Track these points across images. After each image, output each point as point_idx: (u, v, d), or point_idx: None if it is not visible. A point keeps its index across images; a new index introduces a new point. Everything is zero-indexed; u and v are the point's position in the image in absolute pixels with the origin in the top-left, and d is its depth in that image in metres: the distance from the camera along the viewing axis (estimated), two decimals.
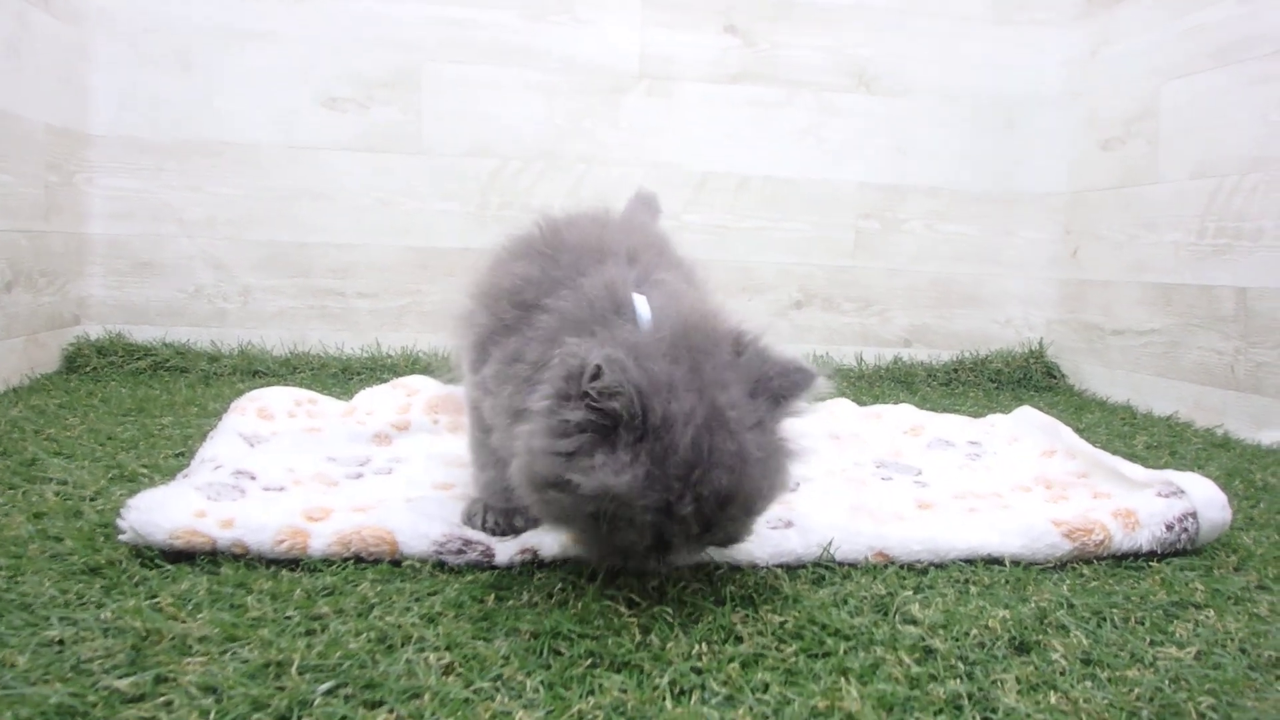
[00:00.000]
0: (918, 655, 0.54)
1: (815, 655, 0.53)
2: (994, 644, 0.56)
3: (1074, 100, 1.71)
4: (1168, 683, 0.52)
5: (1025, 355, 1.75)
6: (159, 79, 1.51)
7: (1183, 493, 0.75)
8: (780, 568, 0.67)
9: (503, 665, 0.50)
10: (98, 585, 0.59)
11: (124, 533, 0.64)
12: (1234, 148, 1.32)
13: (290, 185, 1.57)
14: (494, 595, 0.60)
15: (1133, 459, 0.98)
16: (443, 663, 0.50)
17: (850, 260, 1.73)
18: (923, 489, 0.88)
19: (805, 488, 0.86)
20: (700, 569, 0.66)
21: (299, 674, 0.48)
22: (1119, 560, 0.72)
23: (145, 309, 1.56)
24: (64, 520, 0.70)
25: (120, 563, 0.62)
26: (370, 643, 0.52)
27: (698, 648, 0.53)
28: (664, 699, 0.48)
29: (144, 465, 0.88)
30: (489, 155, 1.61)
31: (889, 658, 0.53)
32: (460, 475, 0.85)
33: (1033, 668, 0.53)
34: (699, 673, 0.51)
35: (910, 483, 0.91)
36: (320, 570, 0.63)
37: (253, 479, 0.79)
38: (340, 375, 1.49)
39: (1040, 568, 0.70)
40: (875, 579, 0.66)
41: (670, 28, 1.64)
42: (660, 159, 1.66)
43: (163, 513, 0.65)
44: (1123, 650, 0.56)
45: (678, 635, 0.55)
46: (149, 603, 0.56)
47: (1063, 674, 0.52)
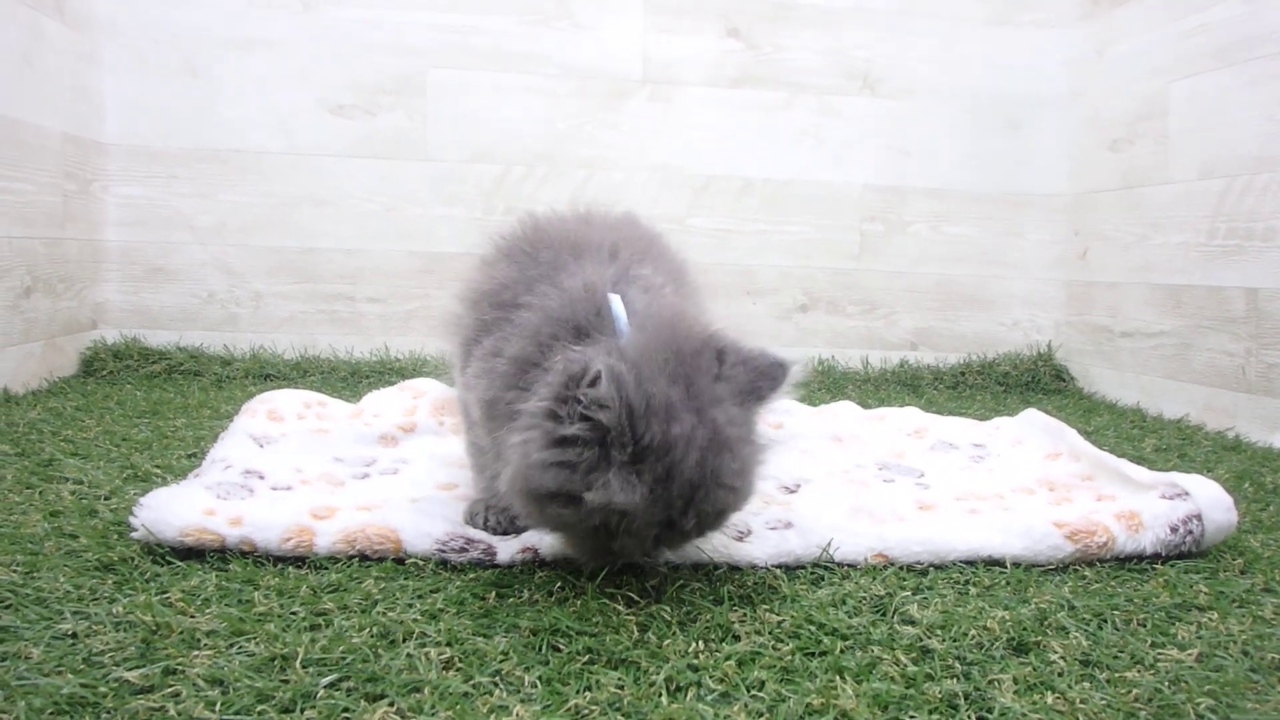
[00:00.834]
0: (914, 655, 0.54)
1: (812, 654, 0.54)
2: (992, 644, 0.56)
3: (1076, 101, 1.70)
4: (1167, 684, 0.51)
5: (1033, 358, 1.73)
6: (168, 88, 1.54)
7: (1187, 495, 0.75)
8: (779, 568, 0.67)
9: (502, 661, 0.51)
10: (110, 581, 0.60)
11: (136, 530, 0.66)
12: (1242, 147, 1.31)
13: (296, 191, 1.59)
14: (495, 593, 0.61)
15: (1141, 462, 0.97)
16: (443, 658, 0.51)
17: (854, 263, 1.73)
18: (924, 491, 0.88)
19: (806, 488, 0.87)
20: (699, 569, 0.67)
21: (303, 667, 0.49)
22: (1122, 563, 0.71)
23: (160, 314, 1.58)
24: (79, 518, 0.72)
25: (132, 559, 0.64)
26: (373, 638, 0.53)
27: (695, 645, 0.54)
28: (660, 695, 0.48)
29: (157, 466, 0.90)
30: (492, 161, 1.63)
31: (885, 657, 0.53)
32: (463, 476, 0.85)
33: (1031, 668, 0.53)
34: (695, 670, 0.51)
35: (912, 484, 0.91)
36: (326, 567, 0.64)
37: (261, 478, 0.81)
38: (350, 379, 1.51)
39: (1042, 570, 0.69)
40: (874, 580, 0.66)
41: (671, 32, 1.65)
42: (662, 163, 1.67)
43: (173, 511, 0.66)
44: (1123, 652, 0.56)
45: (675, 633, 0.55)
46: (159, 598, 0.57)
47: (1061, 675, 0.52)
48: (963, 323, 1.77)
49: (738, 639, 0.55)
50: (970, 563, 0.70)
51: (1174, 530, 0.72)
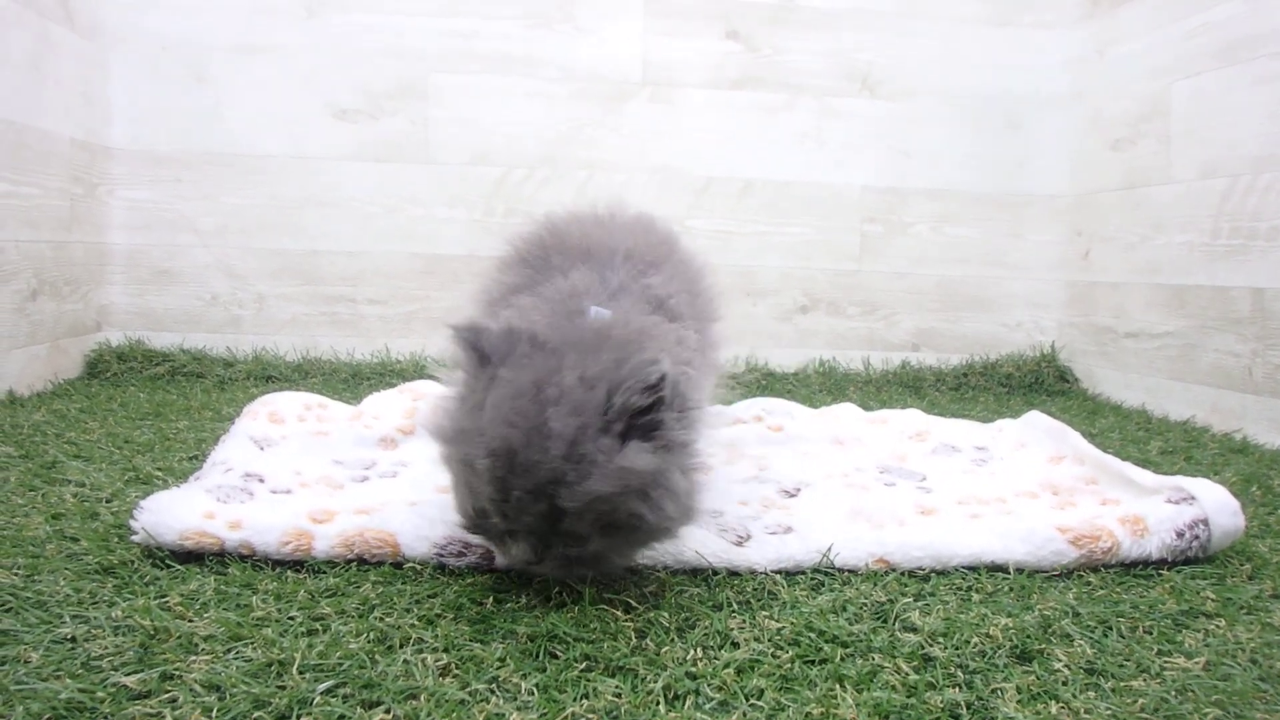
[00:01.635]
0: (916, 663, 0.53)
1: (811, 662, 0.53)
2: (995, 652, 0.55)
3: (1077, 101, 1.69)
4: (1174, 693, 0.51)
5: (1037, 359, 1.72)
6: (175, 93, 1.55)
7: (1193, 499, 0.74)
8: (779, 573, 0.67)
9: (499, 667, 0.51)
10: (110, 584, 0.60)
11: (136, 534, 0.66)
12: (1245, 147, 1.30)
13: (300, 195, 1.60)
14: (492, 598, 0.60)
15: (1147, 465, 0.96)
16: (440, 664, 0.51)
17: (855, 264, 1.73)
18: (926, 494, 0.87)
19: (806, 492, 0.86)
20: (698, 574, 0.66)
21: (300, 673, 0.49)
22: (1128, 568, 0.71)
23: (163, 316, 1.59)
24: (81, 521, 0.72)
25: (132, 563, 0.64)
26: (370, 643, 0.53)
27: (693, 653, 0.53)
28: (658, 703, 0.48)
29: (159, 468, 0.90)
30: (493, 163, 1.63)
31: (887, 665, 0.53)
32: None
33: (1034, 677, 0.52)
34: (693, 678, 0.51)
35: (913, 488, 0.90)
36: (324, 572, 0.64)
37: (261, 481, 0.81)
38: (351, 380, 1.51)
39: (1045, 575, 0.69)
40: (876, 585, 0.65)
41: (671, 34, 1.65)
42: (663, 164, 1.67)
43: (173, 514, 0.66)
44: (1128, 660, 0.55)
45: (673, 640, 0.55)
46: (158, 602, 0.57)
47: (1065, 684, 0.52)
48: (964, 324, 1.76)
49: (737, 646, 0.55)
50: (973, 568, 0.69)
51: (1180, 535, 0.71)
